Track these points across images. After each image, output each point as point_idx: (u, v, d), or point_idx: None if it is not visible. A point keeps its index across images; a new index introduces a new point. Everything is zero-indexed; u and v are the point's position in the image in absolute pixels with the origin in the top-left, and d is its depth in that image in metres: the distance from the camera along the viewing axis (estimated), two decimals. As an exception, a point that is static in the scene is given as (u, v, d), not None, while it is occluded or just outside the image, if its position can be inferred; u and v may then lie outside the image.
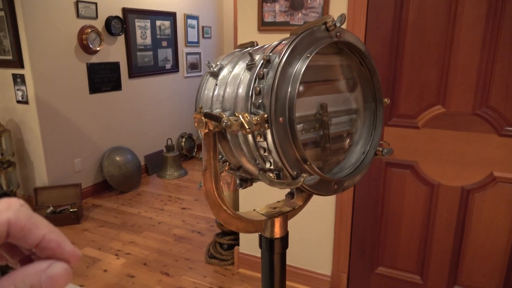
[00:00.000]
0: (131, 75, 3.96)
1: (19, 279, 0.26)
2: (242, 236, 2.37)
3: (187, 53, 4.75)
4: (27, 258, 0.29)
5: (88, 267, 2.44)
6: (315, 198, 2.29)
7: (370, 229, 1.98)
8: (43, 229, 0.28)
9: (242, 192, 2.27)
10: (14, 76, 3.13)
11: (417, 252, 1.90)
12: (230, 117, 0.71)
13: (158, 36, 4.27)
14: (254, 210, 1.04)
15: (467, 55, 1.62)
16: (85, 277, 2.33)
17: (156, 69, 4.30)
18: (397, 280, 1.97)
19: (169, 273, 2.37)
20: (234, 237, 2.52)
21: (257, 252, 2.31)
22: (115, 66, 3.77)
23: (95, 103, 3.62)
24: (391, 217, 1.92)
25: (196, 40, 4.86)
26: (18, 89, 3.15)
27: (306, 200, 1.11)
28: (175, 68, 4.57)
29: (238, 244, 2.42)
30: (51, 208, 3.11)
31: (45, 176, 3.24)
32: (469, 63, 1.63)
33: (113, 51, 3.75)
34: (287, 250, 2.41)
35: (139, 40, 4.03)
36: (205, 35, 5.00)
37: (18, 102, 3.18)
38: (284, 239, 1.04)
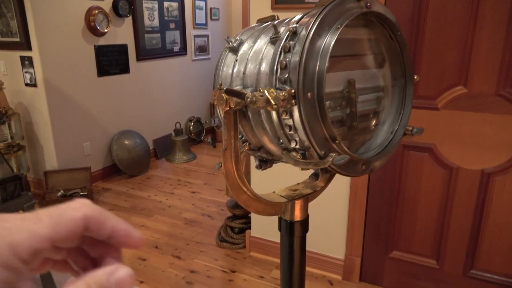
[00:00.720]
0: (139, 57, 3.90)
1: (91, 280, 0.28)
2: (254, 220, 2.36)
3: (195, 36, 4.67)
4: (89, 266, 0.33)
5: (100, 250, 2.44)
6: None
7: (385, 212, 1.94)
8: (112, 220, 0.32)
9: (253, 176, 2.23)
10: (22, 59, 3.10)
11: (433, 236, 1.87)
12: (255, 93, 0.66)
13: (165, 18, 4.19)
14: (274, 192, 1.00)
15: (492, 33, 1.55)
16: (97, 260, 2.33)
17: (164, 52, 4.24)
18: (412, 264, 1.95)
19: (181, 256, 2.37)
20: (245, 220, 2.50)
21: (269, 236, 2.30)
22: (123, 48, 3.72)
23: (103, 86, 3.59)
24: (407, 200, 1.88)
25: (204, 22, 4.78)
26: (26, 72, 3.12)
27: (328, 182, 1.07)
28: (183, 51, 4.50)
29: (249, 228, 2.40)
30: (62, 191, 3.11)
31: (54, 160, 3.24)
32: (494, 41, 1.55)
33: (121, 33, 3.69)
34: (303, 234, 2.29)
35: (146, 22, 3.96)
36: (213, 17, 4.91)
37: (27, 85, 3.16)
38: (305, 222, 1.01)
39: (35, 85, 3.10)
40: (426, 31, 1.65)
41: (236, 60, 0.84)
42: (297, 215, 0.99)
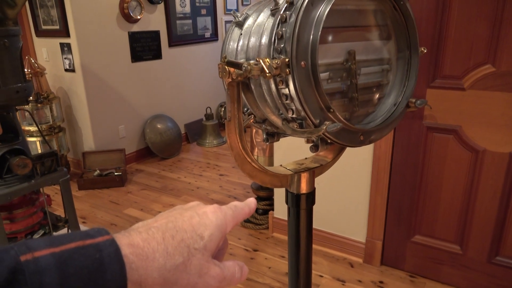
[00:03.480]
0: (171, 43, 4.00)
1: (236, 266, 0.39)
2: (277, 202, 2.39)
3: (226, 21, 4.71)
4: None
5: (131, 226, 2.57)
6: (350, 163, 2.25)
7: (407, 196, 1.91)
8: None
9: (277, 157, 2.26)
10: (62, 45, 3.28)
11: (458, 221, 1.82)
12: (250, 62, 0.69)
13: (197, 4, 4.26)
14: (281, 165, 1.03)
15: (524, 8, 1.47)
16: (128, 235, 2.47)
17: (195, 38, 4.32)
18: (435, 249, 1.91)
19: (206, 234, 2.46)
20: (269, 202, 2.55)
21: (291, 217, 2.32)
22: (156, 34, 3.82)
23: (137, 72, 3.72)
24: (431, 184, 1.84)
25: (235, 7, 4.80)
26: (65, 58, 3.30)
27: (336, 157, 1.08)
28: (214, 37, 4.56)
29: (272, 209, 2.44)
30: (98, 171, 3.29)
31: (92, 141, 3.42)
32: (526, 16, 1.47)
33: (153, 20, 3.79)
34: (321, 216, 2.41)
35: (178, 8, 4.04)
36: (244, 2, 4.92)
37: (66, 70, 3.34)
38: (311, 195, 1.03)
39: (73, 70, 3.28)
40: (453, 6, 1.59)
41: (241, 34, 0.87)
42: (303, 188, 1.01)
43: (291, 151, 1.92)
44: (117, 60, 3.52)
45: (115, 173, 3.29)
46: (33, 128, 3.11)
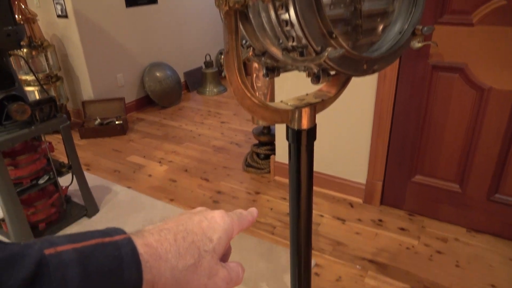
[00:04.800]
0: (166, -14, 3.81)
1: (239, 267, 0.40)
2: (278, 146, 2.40)
3: (223, -39, 4.44)
4: None
5: (134, 172, 2.62)
6: (353, 104, 2.21)
7: (410, 136, 1.91)
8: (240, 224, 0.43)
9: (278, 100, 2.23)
10: (52, -11, 3.12)
11: (459, 160, 1.83)
12: (246, -18, 0.65)
13: None
14: (282, 101, 1.01)
15: None
16: (132, 180, 2.51)
17: (191, -20, 4.10)
18: (435, 188, 1.94)
19: (208, 179, 2.50)
20: (270, 147, 2.56)
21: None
22: (149, -24, 3.63)
23: (132, 17, 3.58)
24: (434, 124, 1.83)
25: None
26: (57, 3, 3.16)
27: (338, 92, 1.06)
28: (211, -22, 4.33)
29: (274, 154, 2.46)
30: (99, 120, 3.28)
31: (90, 90, 3.38)
32: None
33: (146, -40, 3.58)
34: (322, 159, 2.42)
35: None
36: None
37: (58, 16, 3.21)
38: (312, 131, 1.02)
39: (66, 16, 3.15)
40: None
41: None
42: (304, 124, 1.00)
43: (298, 91, 1.89)
44: (111, 4, 3.37)
45: (116, 122, 3.28)
46: (30, 77, 3.05)
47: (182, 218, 0.38)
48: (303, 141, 1.01)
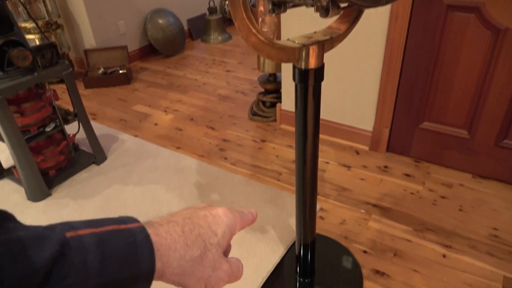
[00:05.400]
0: None
1: (239, 262, 0.42)
2: (285, 93, 2.36)
3: None
4: None
5: (140, 121, 2.62)
6: (362, 48, 2.13)
7: (420, 82, 1.86)
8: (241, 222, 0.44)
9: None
10: None
11: (469, 106, 1.79)
12: None
13: None
14: (288, 39, 0.97)
15: None
16: (138, 129, 2.52)
17: None
18: (442, 135, 1.92)
19: (214, 127, 2.49)
20: (276, 95, 2.52)
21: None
22: None
23: (131, -41, 3.40)
24: (445, 68, 1.77)
25: None
26: None
27: (348, 29, 1.01)
28: None
29: (280, 102, 2.43)
30: (102, 69, 3.23)
31: (92, 39, 3.30)
32: None
33: None
34: (329, 107, 2.38)
35: None
36: None
37: (54, -42, 3.06)
38: (319, 71, 0.99)
39: (62, -42, 3.00)
40: None
41: None
42: (312, 63, 0.97)
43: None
44: None
45: (120, 71, 3.23)
46: (29, 25, 2.97)
47: (187, 212, 0.40)
48: (310, 81, 0.98)
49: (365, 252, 1.55)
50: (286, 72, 2.26)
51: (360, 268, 1.49)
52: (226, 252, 0.43)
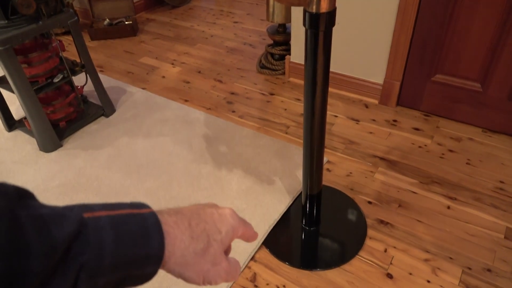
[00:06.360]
0: None
1: (238, 264, 0.44)
2: (294, 45, 2.31)
3: None
4: None
5: (148, 74, 2.60)
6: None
7: (434, 33, 1.79)
8: (244, 226, 0.45)
9: None
10: None
11: (484, 58, 1.74)
12: None
13: None
14: (299, -19, 0.93)
15: None
16: (146, 82, 2.50)
17: None
18: (454, 88, 1.88)
19: (222, 80, 2.47)
20: (285, 47, 2.46)
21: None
22: None
23: None
24: (462, 18, 1.70)
25: None
26: None
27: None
28: None
29: (289, 54, 2.38)
30: (108, 20, 3.16)
31: (96, -12, 3.20)
32: None
33: None
34: (339, 59, 2.34)
35: None
36: None
37: None
38: (331, 15, 0.96)
39: None
40: None
41: None
42: (324, 7, 0.93)
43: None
44: None
45: (126, 22, 3.16)
46: (31, -27, 2.88)
47: (195, 208, 0.41)
48: (321, 26, 0.95)
49: (370, 202, 1.58)
50: (296, 22, 2.19)
51: (364, 218, 1.52)
52: (226, 252, 0.44)
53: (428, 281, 1.30)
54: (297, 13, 2.14)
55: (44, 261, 0.27)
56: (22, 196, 0.30)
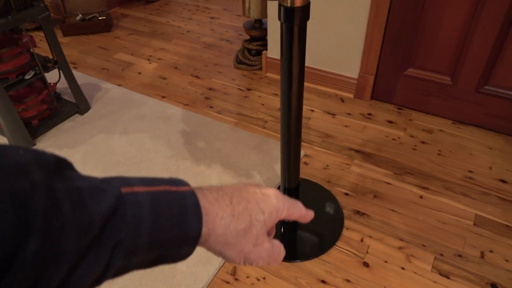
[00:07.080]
0: None
1: (281, 246, 0.43)
2: (270, 41, 2.32)
3: None
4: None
5: (123, 70, 2.56)
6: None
7: (406, 27, 1.84)
8: (297, 209, 0.44)
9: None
10: None
11: (453, 52, 1.80)
12: None
13: None
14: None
15: None
16: (122, 78, 2.47)
17: None
18: (425, 81, 1.95)
19: (199, 76, 2.46)
20: (262, 42, 2.47)
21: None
22: None
23: None
24: (432, 13, 1.75)
25: None
26: None
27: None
28: None
29: (266, 49, 2.39)
30: (80, 15, 3.09)
31: (67, -18, 3.11)
32: None
33: None
34: (315, 54, 2.37)
35: None
36: None
37: None
38: (305, 9, 0.97)
39: None
40: None
41: None
42: (298, 1, 0.95)
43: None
44: None
45: (99, 18, 3.10)
46: (-2, -34, 2.77)
47: (238, 186, 0.40)
48: (296, 20, 0.97)
49: (346, 194, 1.62)
50: (272, 18, 2.20)
51: (341, 209, 1.56)
52: (269, 234, 0.42)
53: (403, 268, 1.35)
54: (273, 8, 2.16)
55: (79, 239, 0.26)
56: (61, 167, 0.29)
